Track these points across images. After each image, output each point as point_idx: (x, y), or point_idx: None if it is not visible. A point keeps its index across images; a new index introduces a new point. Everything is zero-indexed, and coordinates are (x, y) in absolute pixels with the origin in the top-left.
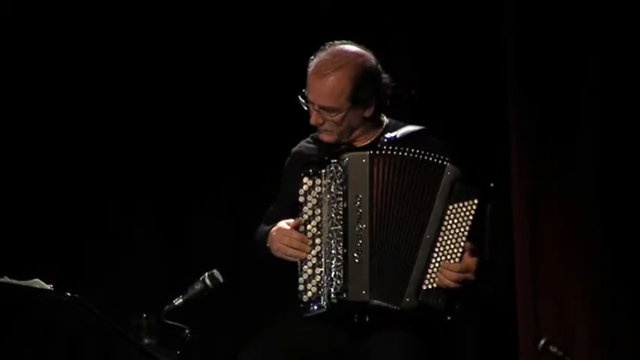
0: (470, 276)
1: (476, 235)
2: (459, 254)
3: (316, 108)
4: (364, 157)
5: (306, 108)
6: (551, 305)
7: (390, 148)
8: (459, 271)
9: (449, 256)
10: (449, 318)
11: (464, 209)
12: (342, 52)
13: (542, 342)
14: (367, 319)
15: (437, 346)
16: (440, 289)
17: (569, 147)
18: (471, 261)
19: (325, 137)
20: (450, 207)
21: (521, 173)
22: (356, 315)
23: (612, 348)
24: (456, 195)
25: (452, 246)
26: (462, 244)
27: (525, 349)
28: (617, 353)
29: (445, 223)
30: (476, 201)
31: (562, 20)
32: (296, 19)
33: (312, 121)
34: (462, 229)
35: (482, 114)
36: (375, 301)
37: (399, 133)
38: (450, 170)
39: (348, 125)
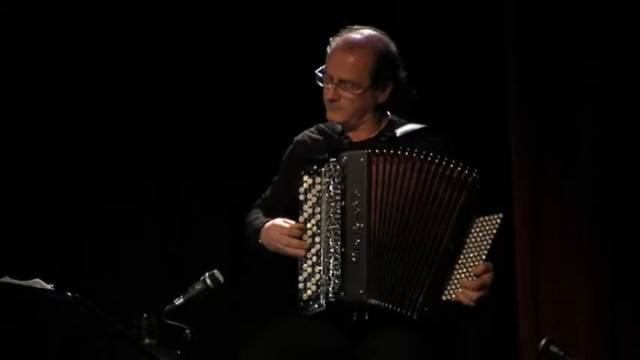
0: (486, 292)
1: (493, 249)
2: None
3: (335, 82)
4: (362, 156)
5: (320, 83)
6: (551, 305)
7: (394, 147)
8: (478, 289)
9: (470, 270)
10: (460, 327)
11: (489, 223)
12: (369, 32)
13: (542, 342)
14: (366, 317)
15: (438, 346)
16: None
17: (569, 147)
18: (487, 277)
19: (336, 117)
20: (477, 220)
21: (521, 173)
22: (354, 314)
23: (613, 348)
24: (483, 208)
25: (473, 259)
26: (483, 257)
27: (526, 349)
28: (619, 353)
29: (470, 236)
30: (501, 215)
31: (563, 19)
32: (296, 15)
33: (329, 96)
34: (485, 244)
35: (482, 114)
36: (372, 300)
37: (400, 131)
38: (479, 183)
39: (362, 106)
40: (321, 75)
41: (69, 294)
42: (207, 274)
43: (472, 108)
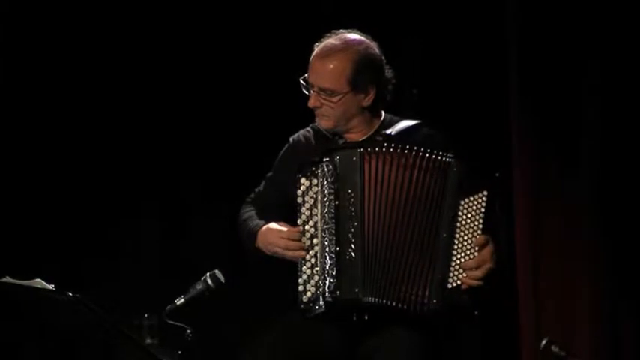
0: (489, 265)
1: (488, 225)
2: (476, 248)
3: (315, 90)
4: (355, 155)
5: (305, 91)
6: (552, 305)
7: (386, 145)
8: (478, 266)
9: (468, 251)
10: (476, 312)
11: (475, 203)
12: (347, 37)
13: (543, 342)
14: (366, 317)
15: (439, 345)
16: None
17: (570, 147)
18: (486, 251)
19: (323, 123)
20: (462, 202)
21: (522, 173)
22: (354, 314)
23: (614, 347)
24: (466, 189)
25: (469, 241)
26: (478, 236)
27: (527, 349)
28: (619, 353)
29: (459, 219)
30: (485, 193)
31: (564, 19)
32: (296, 17)
33: (311, 103)
34: (477, 223)
35: (483, 113)
36: (370, 298)
37: (394, 129)
38: (456, 166)
39: (345, 111)
40: (304, 83)
41: (69, 294)
42: (208, 273)
43: (473, 107)
